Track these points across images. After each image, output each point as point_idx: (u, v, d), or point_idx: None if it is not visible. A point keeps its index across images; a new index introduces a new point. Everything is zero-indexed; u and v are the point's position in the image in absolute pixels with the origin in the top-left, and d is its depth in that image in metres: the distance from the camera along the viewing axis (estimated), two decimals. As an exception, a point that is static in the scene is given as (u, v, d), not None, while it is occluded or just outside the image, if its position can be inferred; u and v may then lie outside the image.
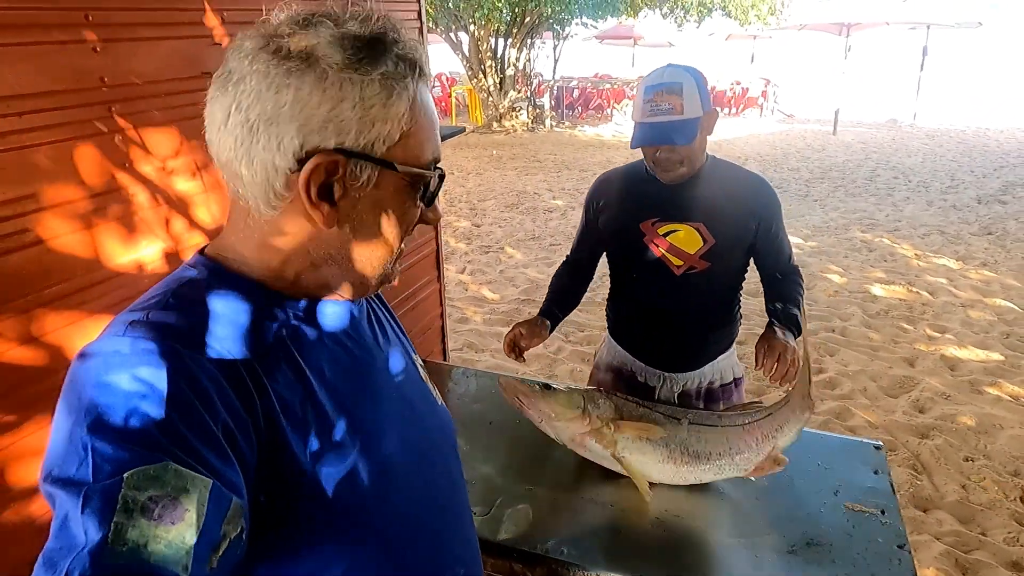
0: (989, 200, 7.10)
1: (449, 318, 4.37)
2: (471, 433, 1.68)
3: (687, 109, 1.47)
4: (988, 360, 3.70)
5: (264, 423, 0.58)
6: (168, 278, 0.64)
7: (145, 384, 0.51)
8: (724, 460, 1.42)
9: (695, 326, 1.76)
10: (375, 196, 0.63)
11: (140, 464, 0.47)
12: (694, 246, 1.62)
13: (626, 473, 1.45)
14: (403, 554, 0.69)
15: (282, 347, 0.63)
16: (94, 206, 1.26)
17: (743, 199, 1.63)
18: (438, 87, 16.21)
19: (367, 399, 0.70)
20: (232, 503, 0.51)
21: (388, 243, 0.66)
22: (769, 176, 8.54)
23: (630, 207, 1.68)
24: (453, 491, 0.82)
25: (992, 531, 2.45)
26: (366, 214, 0.64)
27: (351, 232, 0.64)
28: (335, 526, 0.62)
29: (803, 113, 14.45)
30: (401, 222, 0.66)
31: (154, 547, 0.45)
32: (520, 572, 1.31)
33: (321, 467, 0.61)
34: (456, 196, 7.90)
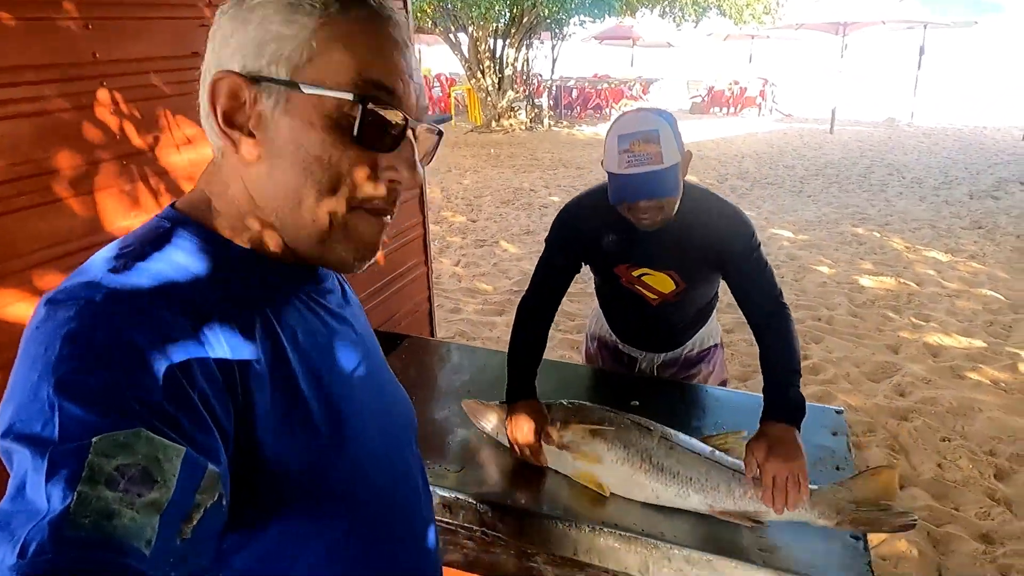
0: (981, 196, 7.16)
1: (442, 308, 4.45)
2: (452, 401, 1.75)
3: (667, 157, 1.37)
4: (971, 347, 3.76)
5: (241, 389, 0.55)
6: (140, 229, 0.61)
7: (119, 341, 0.48)
8: (692, 488, 1.31)
9: (674, 328, 1.87)
10: (289, 125, 0.57)
11: (110, 429, 0.44)
12: (667, 288, 1.66)
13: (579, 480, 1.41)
14: (379, 529, 0.68)
15: (256, 310, 0.60)
16: (88, 175, 1.34)
17: (711, 244, 1.55)
18: (437, 87, 16.31)
19: (339, 372, 0.67)
20: (207, 471, 0.47)
21: (316, 186, 0.58)
22: (764, 174, 8.64)
23: (605, 251, 1.63)
24: (418, 472, 0.81)
25: (965, 506, 2.51)
26: (283, 145, 0.58)
27: (272, 168, 0.59)
28: (307, 500, 0.60)
29: (801, 112, 14.53)
30: (329, 161, 0.58)
31: (118, 521, 0.42)
32: (489, 522, 1.37)
33: (291, 438, 0.58)
34: (453, 193, 7.98)
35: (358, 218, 0.61)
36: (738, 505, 1.30)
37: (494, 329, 4.10)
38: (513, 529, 1.36)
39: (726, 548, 1.22)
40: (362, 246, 0.63)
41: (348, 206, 0.60)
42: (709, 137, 11.75)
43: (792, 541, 1.24)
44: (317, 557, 0.62)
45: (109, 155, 1.38)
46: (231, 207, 0.62)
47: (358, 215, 0.61)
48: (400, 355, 2.02)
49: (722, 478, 1.32)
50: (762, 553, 1.21)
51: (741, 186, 8.04)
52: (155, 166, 1.47)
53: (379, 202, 0.61)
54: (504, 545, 1.40)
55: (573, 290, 1.99)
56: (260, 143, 0.58)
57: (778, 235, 5.98)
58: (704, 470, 1.33)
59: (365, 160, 0.59)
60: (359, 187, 0.60)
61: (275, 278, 0.64)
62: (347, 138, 0.57)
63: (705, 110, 15.40)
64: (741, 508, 1.30)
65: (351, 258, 0.63)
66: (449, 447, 1.56)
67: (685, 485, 1.32)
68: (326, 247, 0.62)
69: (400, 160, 0.61)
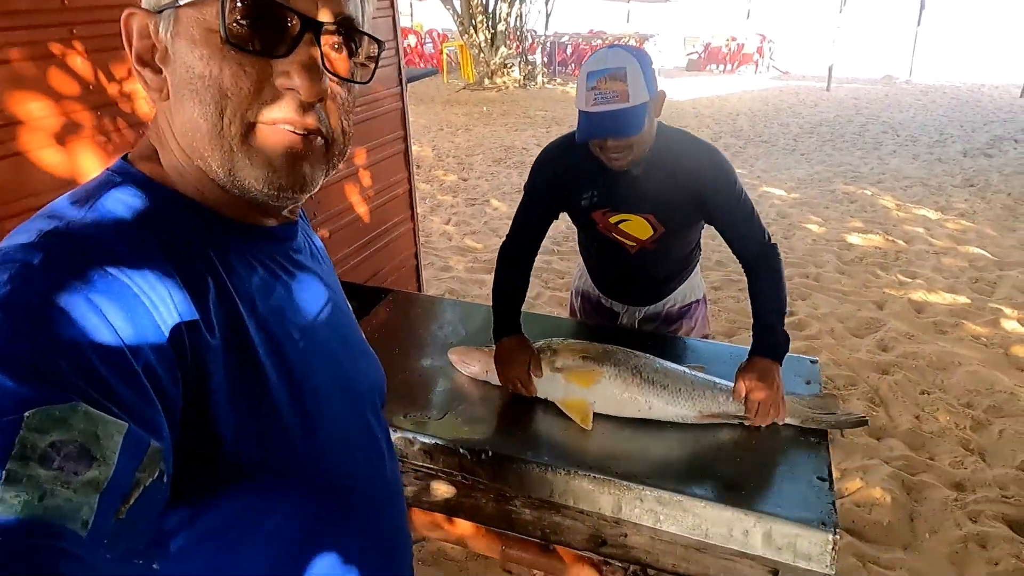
0: (975, 154, 7.13)
1: (432, 266, 4.46)
2: (430, 352, 1.78)
3: (633, 95, 1.37)
4: (955, 303, 3.81)
5: (192, 357, 0.51)
6: (88, 183, 0.57)
7: (57, 308, 0.44)
8: (681, 397, 1.44)
9: (654, 282, 1.87)
10: (181, 49, 0.54)
11: (45, 403, 0.40)
12: (645, 233, 1.65)
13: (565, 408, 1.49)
14: (336, 502, 0.65)
15: (212, 274, 0.57)
16: (59, 125, 1.33)
17: (687, 183, 1.55)
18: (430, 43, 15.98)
19: (300, 338, 0.64)
20: (149, 447, 0.44)
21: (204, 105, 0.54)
22: (758, 132, 8.57)
23: (582, 195, 1.63)
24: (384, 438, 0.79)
25: (940, 456, 2.58)
26: (182, 73, 0.54)
27: (178, 101, 0.55)
28: (260, 473, 0.57)
29: (798, 70, 14.32)
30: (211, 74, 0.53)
31: (51, 501, 0.38)
32: (468, 467, 1.41)
33: (246, 409, 0.55)
34: (444, 151, 7.90)
35: (258, 136, 0.55)
36: (722, 408, 1.45)
37: (483, 287, 4.11)
38: (492, 473, 1.40)
39: (696, 489, 1.26)
40: (271, 169, 0.56)
41: (242, 124, 0.54)
42: (705, 95, 11.61)
43: (760, 482, 1.28)
44: (269, 532, 0.59)
45: (81, 106, 1.36)
46: (171, 156, 0.59)
47: (257, 133, 0.55)
48: (385, 309, 2.03)
49: (706, 386, 1.47)
50: (730, 493, 1.25)
51: (735, 144, 7.98)
52: (131, 117, 1.46)
53: (279, 115, 0.55)
54: (483, 489, 1.44)
55: (563, 248, 2.00)
56: (167, 77, 0.56)
57: (769, 193, 5.97)
58: (689, 380, 1.48)
59: (252, 69, 0.53)
60: (248, 100, 0.54)
61: (230, 237, 0.60)
62: (222, 44, 0.52)
63: (701, 67, 15.16)
64: (725, 410, 1.45)
65: (263, 187, 0.57)
66: (430, 396, 1.59)
67: (675, 395, 1.45)
68: (235, 178, 0.57)
69: (292, 64, 0.54)
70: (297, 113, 0.55)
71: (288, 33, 0.54)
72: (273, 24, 0.53)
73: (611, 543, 1.39)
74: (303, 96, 0.55)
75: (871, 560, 2.10)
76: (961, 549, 2.13)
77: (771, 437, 1.41)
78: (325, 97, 0.56)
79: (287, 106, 0.55)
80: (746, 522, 1.21)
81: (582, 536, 1.41)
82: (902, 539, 2.20)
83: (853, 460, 2.55)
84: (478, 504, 1.49)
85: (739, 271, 1.69)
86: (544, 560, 1.52)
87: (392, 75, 2.50)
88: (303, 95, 0.55)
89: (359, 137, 2.42)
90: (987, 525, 2.21)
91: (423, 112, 10.55)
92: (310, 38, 0.54)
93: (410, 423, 1.47)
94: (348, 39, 0.58)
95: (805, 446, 1.38)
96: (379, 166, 2.55)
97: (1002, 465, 2.51)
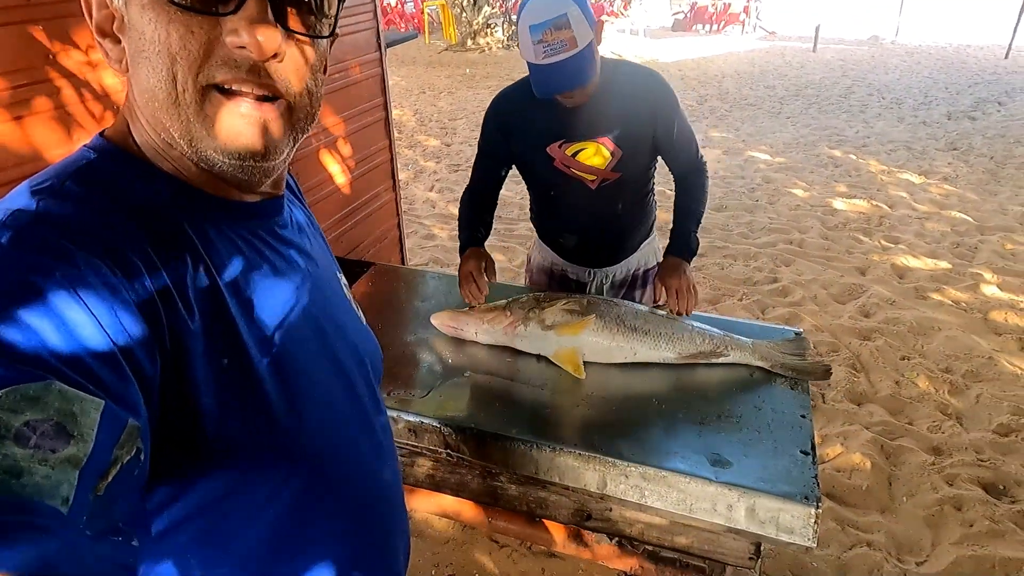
0: (959, 116, 7.13)
1: (415, 235, 4.41)
2: (415, 327, 1.75)
3: (580, 39, 1.39)
4: (936, 268, 3.84)
5: (170, 335, 0.51)
6: (64, 161, 0.56)
7: (27, 287, 0.44)
8: (662, 341, 1.55)
9: (615, 227, 1.85)
10: (133, 15, 0.52)
11: (17, 382, 0.40)
12: (603, 161, 1.65)
13: (558, 360, 1.56)
14: (322, 480, 0.65)
15: (191, 253, 0.56)
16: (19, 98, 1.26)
17: (639, 101, 1.60)
18: (411, 3, 15.55)
19: (282, 316, 0.63)
20: (127, 424, 0.44)
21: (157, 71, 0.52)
22: (744, 95, 8.49)
23: (534, 133, 1.66)
24: (377, 413, 0.78)
25: (918, 420, 2.62)
26: (135, 40, 0.53)
27: (135, 69, 0.54)
28: (245, 452, 0.57)
29: (785, 30, 14.14)
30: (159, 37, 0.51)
31: (28, 479, 0.39)
32: (454, 444, 1.41)
33: (229, 388, 0.55)
34: (427, 115, 7.75)
35: (212, 102, 0.53)
36: (700, 348, 1.55)
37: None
38: (477, 450, 1.39)
39: (680, 464, 1.26)
40: (228, 136, 0.54)
41: (196, 89, 0.52)
42: (691, 56, 11.45)
43: (744, 457, 1.29)
44: (255, 509, 0.59)
45: (40, 76, 1.29)
46: (141, 130, 0.57)
47: (212, 99, 0.53)
48: (366, 283, 2.00)
49: (684, 329, 1.58)
50: (714, 468, 1.25)
51: (720, 107, 7.91)
52: (93, 89, 1.39)
53: (230, 75, 0.52)
54: (468, 466, 1.44)
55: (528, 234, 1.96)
56: (125, 47, 0.54)
57: (755, 158, 5.94)
58: (667, 325, 1.58)
59: (200, 29, 0.51)
60: (199, 62, 0.52)
61: (209, 213, 0.59)
62: (167, 4, 0.50)
63: (687, 27, 14.93)
64: (703, 349, 1.55)
65: (223, 156, 0.55)
66: (415, 373, 1.57)
67: (656, 339, 1.55)
68: (197, 149, 0.55)
69: (240, 20, 0.51)
70: (251, 74, 0.53)
71: None
72: None
73: (596, 517, 1.40)
74: (253, 54, 0.52)
75: (850, 524, 2.14)
76: (937, 512, 2.18)
77: (755, 411, 1.42)
78: (280, 54, 0.54)
79: (240, 67, 0.52)
80: (730, 497, 1.22)
81: (567, 511, 1.42)
82: (880, 503, 2.24)
83: (834, 426, 2.58)
84: (463, 480, 1.49)
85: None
86: (531, 531, 1.53)
87: (371, 40, 2.41)
88: (253, 52, 0.52)
89: (337, 105, 2.34)
90: (962, 488, 2.26)
91: (404, 75, 10.32)
92: None
93: (394, 401, 1.46)
94: None
95: (789, 420, 1.39)
96: (358, 135, 2.48)
97: (978, 429, 2.56)
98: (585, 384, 1.51)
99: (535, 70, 1.45)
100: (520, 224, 4.56)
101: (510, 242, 4.30)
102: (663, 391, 1.50)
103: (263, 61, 0.53)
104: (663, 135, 1.65)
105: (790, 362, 1.54)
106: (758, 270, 3.85)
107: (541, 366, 1.58)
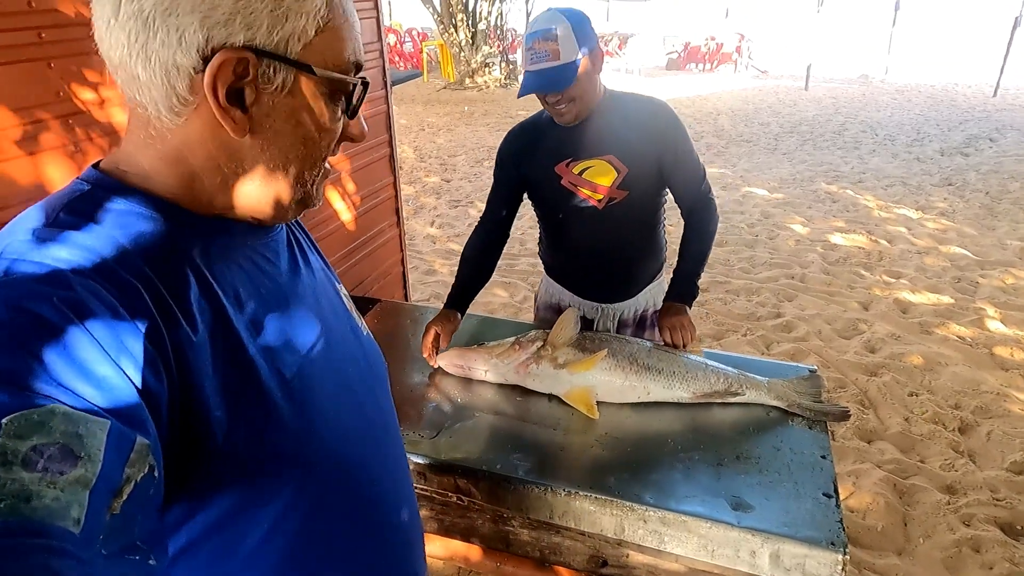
0: (952, 152, 7.22)
1: (416, 270, 4.40)
2: (422, 366, 1.72)
3: (564, 54, 1.50)
4: (939, 303, 3.83)
5: (175, 354, 0.52)
6: (59, 193, 0.57)
7: (28, 315, 0.44)
8: (676, 380, 1.52)
9: (624, 256, 1.84)
10: (291, 103, 0.57)
11: (21, 408, 0.40)
12: (609, 178, 1.67)
13: (570, 400, 1.52)
14: (335, 492, 0.66)
15: (192, 269, 0.57)
16: (28, 134, 1.25)
17: (645, 123, 1.66)
18: (409, 43, 15.86)
19: (286, 328, 0.64)
20: (136, 442, 0.45)
21: (306, 158, 0.61)
22: (739, 131, 8.61)
23: (543, 154, 1.72)
24: (384, 424, 0.79)
25: (930, 459, 2.58)
26: (281, 123, 0.58)
27: (265, 144, 0.58)
28: (257, 469, 0.57)
29: (777, 69, 14.43)
30: (321, 135, 0.60)
31: (38, 502, 0.39)
32: (464, 488, 1.36)
33: (238, 406, 0.56)
34: (426, 152, 7.82)
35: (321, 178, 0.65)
36: (714, 387, 1.52)
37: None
38: (488, 494, 1.35)
39: (700, 509, 1.22)
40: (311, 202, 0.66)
41: (321, 170, 0.64)
42: (685, 95, 11.64)
43: (765, 500, 1.25)
44: (271, 524, 0.59)
45: (51, 114, 1.29)
46: (174, 170, 0.58)
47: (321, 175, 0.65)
48: (372, 320, 1.98)
49: (698, 368, 1.55)
50: (736, 512, 1.21)
51: (717, 144, 8.00)
52: (102, 126, 1.38)
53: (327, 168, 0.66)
54: (479, 510, 1.40)
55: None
56: (252, 118, 0.57)
57: (753, 193, 5.99)
58: (681, 363, 1.55)
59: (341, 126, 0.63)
60: (331, 153, 0.64)
61: (209, 234, 0.60)
62: (336, 110, 0.61)
63: (681, 66, 15.22)
64: (717, 388, 1.52)
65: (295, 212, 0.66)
66: (423, 413, 1.54)
67: (670, 378, 1.52)
68: (283, 209, 0.64)
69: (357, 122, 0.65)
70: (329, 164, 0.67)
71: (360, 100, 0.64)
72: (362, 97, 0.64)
73: (612, 563, 1.35)
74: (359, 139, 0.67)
75: (867, 567, 2.09)
76: (955, 554, 2.13)
77: (774, 452, 1.38)
78: None
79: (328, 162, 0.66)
80: (753, 543, 1.18)
81: (582, 557, 1.37)
82: (896, 544, 2.19)
83: (845, 464, 2.54)
84: (473, 525, 1.44)
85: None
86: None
87: (377, 78, 2.43)
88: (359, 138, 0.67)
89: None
90: (980, 529, 2.21)
91: (404, 112, 10.45)
92: None
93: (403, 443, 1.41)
94: None
95: (809, 461, 1.35)
96: (364, 171, 2.48)
97: (992, 467, 2.51)
98: (599, 424, 1.48)
99: (524, 75, 1.59)
100: (522, 260, 4.56)
101: (512, 277, 4.29)
102: (678, 431, 1.47)
103: None
104: (669, 159, 1.67)
105: (807, 403, 1.51)
106: (761, 305, 3.84)
107: (552, 405, 1.55)
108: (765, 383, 1.54)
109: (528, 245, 4.78)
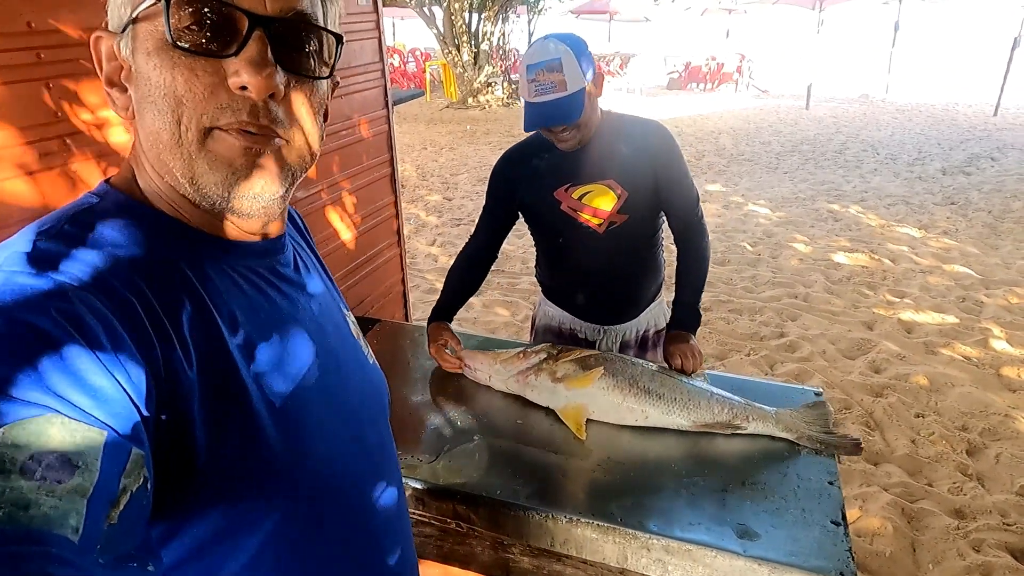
0: (954, 171, 7.23)
1: (418, 289, 4.39)
2: (422, 387, 1.70)
3: (571, 83, 1.47)
4: (943, 323, 3.80)
5: (165, 372, 0.51)
6: (67, 205, 0.57)
7: (25, 325, 0.45)
8: (676, 407, 1.48)
9: (625, 278, 1.82)
10: (140, 63, 0.54)
11: (19, 417, 0.41)
12: (609, 202, 1.66)
13: (563, 416, 1.51)
14: (324, 526, 0.64)
15: (188, 289, 0.56)
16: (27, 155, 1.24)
17: (642, 145, 1.64)
18: (412, 63, 16.01)
19: (281, 353, 0.63)
20: (132, 453, 0.45)
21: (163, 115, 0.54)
22: (740, 150, 8.63)
23: (540, 179, 1.70)
24: (382, 458, 0.77)
25: (938, 482, 2.53)
26: (142, 87, 0.54)
27: (141, 116, 0.56)
28: (244, 490, 0.57)
29: (778, 88, 14.52)
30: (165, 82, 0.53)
31: (36, 511, 0.39)
32: (464, 514, 1.33)
33: (227, 428, 0.55)
34: (429, 171, 7.85)
35: (214, 142, 0.55)
36: (716, 417, 1.47)
37: (471, 310, 4.05)
38: (488, 520, 1.32)
39: (705, 537, 1.19)
40: (230, 174, 0.56)
41: (198, 129, 0.54)
42: (687, 114, 11.71)
43: (771, 528, 1.22)
44: (254, 551, 0.58)
45: (50, 134, 1.28)
46: (146, 175, 0.59)
47: (214, 138, 0.55)
48: (373, 340, 1.95)
49: (701, 396, 1.50)
50: (742, 541, 1.18)
51: (718, 163, 8.02)
52: (101, 146, 1.38)
53: (232, 118, 0.54)
54: (479, 537, 1.36)
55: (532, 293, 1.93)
56: (132, 95, 0.56)
57: (755, 212, 5.99)
58: (684, 390, 1.51)
59: (204, 72, 0.53)
60: (203, 104, 0.53)
61: (210, 252, 0.60)
62: (172, 50, 0.52)
63: (682, 86, 15.33)
64: (718, 419, 1.47)
65: (223, 193, 0.56)
66: (422, 436, 1.51)
67: (670, 404, 1.48)
68: (198, 187, 0.56)
69: (241, 62, 0.53)
70: (251, 116, 0.55)
71: (237, 32, 0.53)
72: (221, 24, 0.53)
73: (615, 593, 1.31)
74: (252, 92, 0.54)
75: (876, 594, 2.04)
76: (966, 581, 2.08)
77: (780, 478, 1.35)
78: (279, 94, 0.56)
79: (240, 110, 0.54)
80: (759, 573, 1.15)
81: (584, 586, 1.33)
82: (905, 570, 2.14)
83: (851, 488, 2.50)
84: (473, 552, 1.41)
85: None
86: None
87: (379, 97, 2.43)
88: (253, 92, 0.54)
89: (345, 161, 2.35)
90: (990, 554, 2.16)
91: (407, 131, 10.52)
92: (259, 35, 0.53)
93: (401, 466, 1.39)
94: (304, 34, 0.57)
95: (816, 488, 1.32)
96: (365, 190, 2.48)
97: (1001, 491, 2.47)
98: (600, 449, 1.45)
99: (527, 106, 1.54)
100: (523, 279, 4.55)
101: (513, 296, 4.27)
102: (682, 456, 1.44)
103: (262, 101, 0.55)
104: (663, 179, 1.65)
105: (816, 434, 1.46)
106: (764, 324, 3.81)
107: (554, 429, 1.52)
108: (773, 414, 1.49)
109: (529, 264, 4.76)
